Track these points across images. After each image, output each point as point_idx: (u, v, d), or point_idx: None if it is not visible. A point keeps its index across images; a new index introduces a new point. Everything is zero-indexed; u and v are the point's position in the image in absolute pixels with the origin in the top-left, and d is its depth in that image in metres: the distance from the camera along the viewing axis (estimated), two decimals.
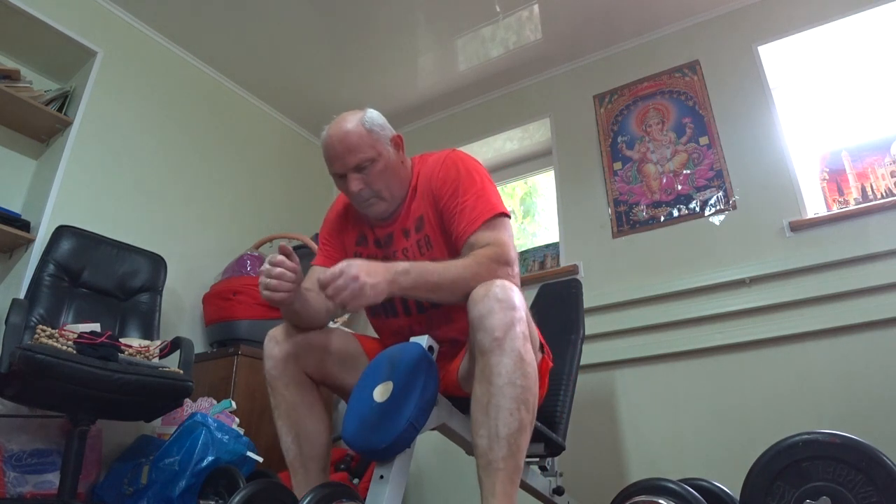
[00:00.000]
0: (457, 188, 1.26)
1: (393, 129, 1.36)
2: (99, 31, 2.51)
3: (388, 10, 2.72)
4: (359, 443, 1.09)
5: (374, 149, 1.28)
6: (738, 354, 2.16)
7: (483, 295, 1.06)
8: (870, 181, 2.35)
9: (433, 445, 2.27)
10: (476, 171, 1.29)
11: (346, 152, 1.26)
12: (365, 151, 1.27)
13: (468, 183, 1.26)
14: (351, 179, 1.27)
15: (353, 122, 1.29)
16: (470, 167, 1.29)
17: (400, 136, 1.37)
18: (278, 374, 1.24)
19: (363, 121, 1.29)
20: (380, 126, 1.31)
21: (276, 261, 1.15)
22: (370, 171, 1.27)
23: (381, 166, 1.28)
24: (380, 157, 1.28)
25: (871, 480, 1.14)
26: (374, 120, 1.31)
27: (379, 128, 1.31)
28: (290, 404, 1.24)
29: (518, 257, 1.24)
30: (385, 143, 1.31)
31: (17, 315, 1.72)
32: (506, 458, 0.98)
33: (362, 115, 1.31)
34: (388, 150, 1.31)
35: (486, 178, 1.29)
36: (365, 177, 1.27)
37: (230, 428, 1.92)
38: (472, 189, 1.25)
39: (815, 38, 2.53)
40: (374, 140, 1.28)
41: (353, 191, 1.28)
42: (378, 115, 1.34)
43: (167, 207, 2.65)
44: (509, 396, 1.00)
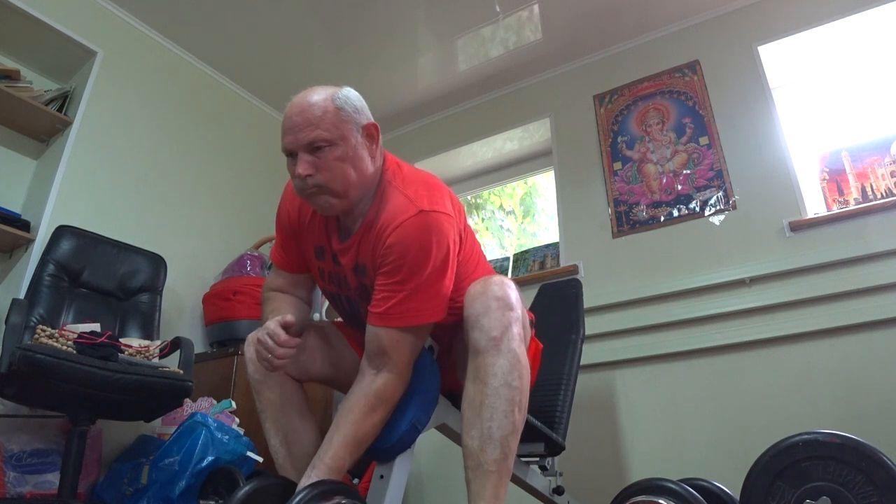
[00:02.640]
0: (398, 268, 1.05)
1: (371, 117, 1.15)
2: (99, 31, 2.51)
3: (387, 10, 2.72)
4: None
5: (337, 130, 1.06)
6: (738, 354, 2.16)
7: (480, 292, 1.05)
8: (870, 181, 2.35)
9: (433, 445, 2.27)
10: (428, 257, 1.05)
11: (303, 126, 1.06)
12: (326, 130, 1.05)
13: (410, 271, 1.05)
14: (300, 160, 1.06)
15: (323, 94, 1.09)
16: (426, 248, 1.05)
17: (376, 126, 1.14)
18: (261, 377, 1.22)
19: (335, 96, 1.09)
20: (353, 108, 1.10)
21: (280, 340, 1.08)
22: (325, 156, 1.06)
23: (340, 153, 1.06)
24: (341, 141, 1.07)
25: (871, 480, 1.14)
26: (348, 99, 1.10)
27: (352, 109, 1.10)
28: (275, 407, 1.22)
29: (412, 363, 1.11)
30: (353, 128, 1.09)
31: (17, 315, 1.71)
32: (498, 460, 0.98)
33: (337, 90, 1.11)
34: (355, 139, 1.09)
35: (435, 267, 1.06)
36: (317, 160, 1.06)
37: (230, 428, 1.92)
38: (411, 281, 1.05)
39: (815, 38, 2.53)
40: (340, 120, 1.07)
41: (298, 173, 1.06)
42: (357, 96, 1.14)
43: (167, 207, 2.65)
44: (505, 398, 0.99)
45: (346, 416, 1.05)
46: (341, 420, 1.05)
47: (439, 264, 1.07)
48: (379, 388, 1.06)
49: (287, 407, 1.23)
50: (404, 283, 1.05)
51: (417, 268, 1.05)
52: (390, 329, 1.07)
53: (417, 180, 1.16)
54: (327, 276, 1.25)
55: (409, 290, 1.05)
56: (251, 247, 2.79)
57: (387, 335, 1.07)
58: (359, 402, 1.06)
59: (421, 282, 1.05)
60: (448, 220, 1.10)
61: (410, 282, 1.05)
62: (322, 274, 1.26)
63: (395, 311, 1.06)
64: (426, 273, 1.05)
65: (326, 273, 1.25)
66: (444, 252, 1.07)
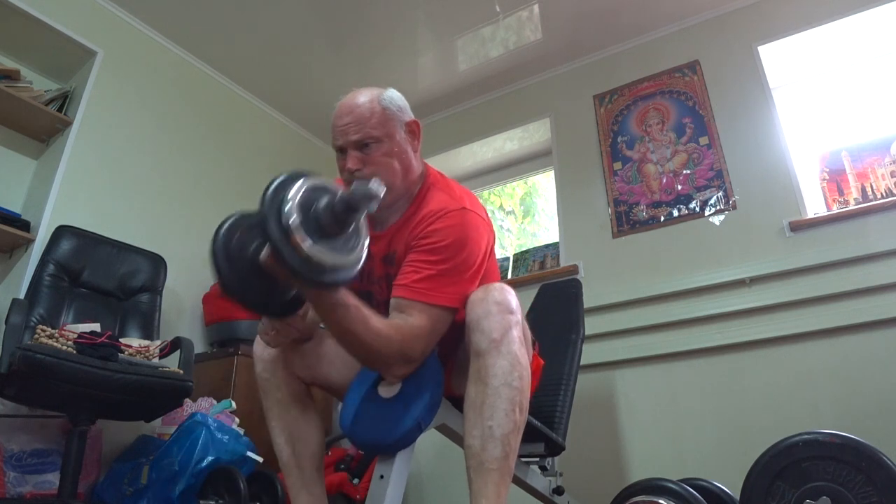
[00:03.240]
0: (433, 250, 1.10)
1: (412, 115, 1.24)
2: (99, 31, 2.51)
3: (387, 10, 2.72)
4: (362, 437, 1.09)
5: (383, 128, 1.16)
6: (737, 354, 2.16)
7: (482, 298, 1.06)
8: (870, 181, 2.35)
9: (433, 445, 2.27)
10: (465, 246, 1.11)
11: (352, 125, 1.15)
12: (373, 128, 1.15)
13: (446, 253, 1.10)
14: (350, 156, 1.15)
15: (369, 95, 1.18)
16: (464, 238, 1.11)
17: (417, 123, 1.24)
18: (269, 376, 1.23)
19: (380, 97, 1.18)
20: (397, 107, 1.20)
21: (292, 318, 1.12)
22: (372, 152, 1.15)
23: (386, 150, 1.16)
24: (387, 139, 1.16)
25: (871, 480, 1.15)
26: (392, 99, 1.20)
27: (396, 108, 1.19)
28: (282, 406, 1.23)
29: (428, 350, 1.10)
30: (398, 126, 1.19)
31: (17, 315, 1.72)
32: (499, 458, 0.98)
33: (381, 91, 1.20)
34: (400, 135, 1.19)
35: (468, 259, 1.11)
36: (365, 156, 1.15)
37: (230, 428, 1.92)
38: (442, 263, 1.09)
39: (815, 38, 2.53)
40: (385, 119, 1.17)
41: (348, 168, 1.14)
42: (399, 96, 1.23)
43: (167, 207, 2.65)
44: (505, 397, 1.00)
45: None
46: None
47: (472, 259, 1.12)
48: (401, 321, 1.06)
49: (293, 407, 1.24)
50: (436, 264, 1.10)
51: (453, 254, 1.10)
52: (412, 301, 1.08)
53: (461, 188, 1.26)
54: None
55: (439, 270, 1.09)
56: None
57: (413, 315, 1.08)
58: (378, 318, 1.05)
59: (452, 267, 1.10)
60: (485, 226, 1.19)
61: (443, 264, 1.10)
62: None
63: (421, 284, 1.09)
64: (459, 260, 1.10)
65: None
66: (477, 250, 1.14)
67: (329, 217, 0.92)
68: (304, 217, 0.90)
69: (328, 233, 0.92)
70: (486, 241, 1.17)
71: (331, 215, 0.92)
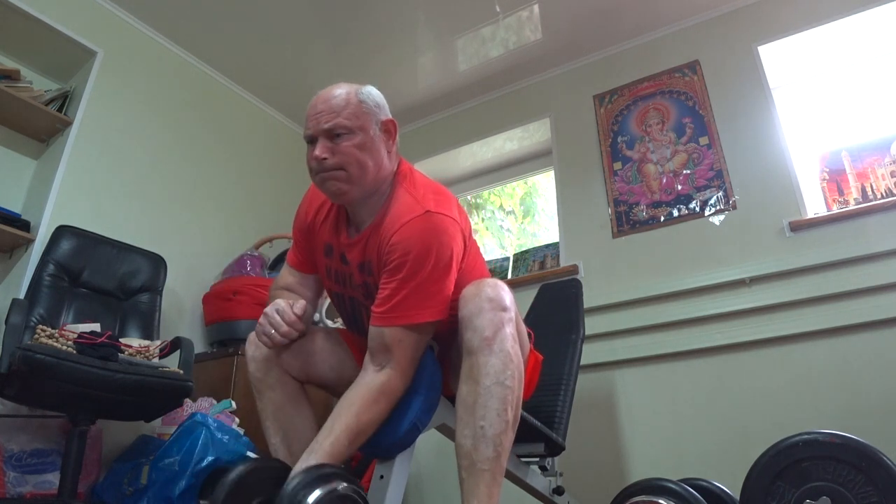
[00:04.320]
0: (401, 266, 1.07)
1: (390, 115, 1.21)
2: (99, 31, 2.51)
3: (387, 10, 2.72)
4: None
5: (357, 119, 1.12)
6: (738, 354, 2.16)
7: (474, 294, 1.05)
8: (870, 181, 2.35)
9: (433, 445, 2.27)
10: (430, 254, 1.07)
11: (324, 113, 1.12)
12: (346, 118, 1.11)
13: (413, 268, 1.06)
14: (319, 144, 1.11)
15: (347, 88, 1.16)
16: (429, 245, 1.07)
17: (394, 123, 1.20)
18: (262, 375, 1.22)
19: (358, 91, 1.16)
20: (375, 103, 1.17)
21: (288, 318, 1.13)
22: (343, 143, 1.11)
23: (358, 142, 1.11)
24: (360, 131, 1.12)
25: (871, 480, 1.15)
26: (370, 94, 1.17)
27: (373, 104, 1.16)
28: (276, 405, 1.22)
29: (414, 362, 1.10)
30: (373, 121, 1.15)
31: (17, 315, 1.71)
32: (491, 458, 0.98)
33: (360, 86, 1.17)
34: (374, 131, 1.15)
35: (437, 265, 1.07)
36: (334, 146, 1.11)
37: (230, 428, 1.92)
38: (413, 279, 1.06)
39: (815, 38, 2.53)
40: (360, 112, 1.13)
41: (315, 155, 1.11)
42: (378, 94, 1.20)
43: (167, 207, 2.65)
44: (497, 397, 0.99)
45: (349, 407, 1.05)
46: (343, 410, 1.05)
47: (442, 264, 1.08)
48: (382, 383, 1.06)
49: (288, 406, 1.23)
50: (407, 281, 1.06)
51: (420, 266, 1.06)
52: (393, 328, 1.07)
53: (426, 185, 1.19)
54: (333, 275, 1.26)
55: (411, 287, 1.06)
56: (251, 247, 2.79)
57: (390, 333, 1.07)
58: (361, 394, 1.06)
59: (423, 280, 1.06)
60: (453, 225, 1.12)
61: (413, 279, 1.06)
62: (329, 272, 1.27)
63: (397, 310, 1.07)
64: (428, 271, 1.06)
65: (333, 271, 1.26)
66: (447, 253, 1.08)
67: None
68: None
69: None
70: (457, 241, 1.12)
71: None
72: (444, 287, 1.09)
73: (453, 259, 1.10)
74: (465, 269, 1.18)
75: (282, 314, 1.15)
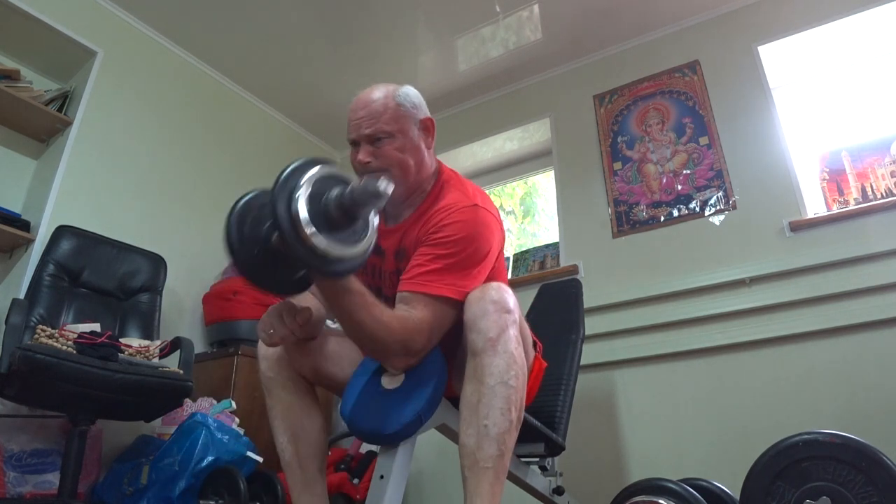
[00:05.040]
0: (443, 243, 1.12)
1: (427, 112, 1.26)
2: (99, 31, 2.51)
3: (387, 10, 2.72)
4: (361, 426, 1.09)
5: (396, 123, 1.18)
6: (738, 354, 2.16)
7: (479, 297, 1.06)
8: (870, 181, 2.35)
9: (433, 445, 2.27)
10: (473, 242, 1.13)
11: (365, 119, 1.17)
12: (385, 123, 1.17)
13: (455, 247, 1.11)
14: (362, 149, 1.18)
15: (385, 91, 1.21)
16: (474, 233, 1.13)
17: (432, 121, 1.26)
18: (274, 374, 1.23)
19: (396, 93, 1.20)
20: (412, 104, 1.21)
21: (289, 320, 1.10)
22: (384, 147, 1.17)
23: (398, 145, 1.18)
24: (400, 134, 1.18)
25: (871, 480, 1.15)
26: (407, 95, 1.22)
27: (411, 105, 1.21)
28: (286, 405, 1.23)
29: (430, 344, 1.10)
30: (412, 122, 1.21)
31: (17, 315, 1.72)
32: (494, 457, 0.98)
33: (397, 87, 1.22)
34: (413, 132, 1.20)
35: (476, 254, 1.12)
36: (377, 150, 1.17)
37: (230, 428, 1.92)
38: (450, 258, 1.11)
39: (815, 38, 2.53)
40: (399, 115, 1.19)
41: (359, 160, 1.17)
42: (416, 93, 1.25)
43: (167, 207, 2.65)
44: (501, 396, 1.00)
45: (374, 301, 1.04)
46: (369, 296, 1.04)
47: (480, 254, 1.13)
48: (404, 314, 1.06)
49: (297, 406, 1.23)
50: (443, 258, 1.11)
51: (462, 247, 1.12)
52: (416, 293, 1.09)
53: (474, 186, 1.27)
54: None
55: (445, 263, 1.10)
56: None
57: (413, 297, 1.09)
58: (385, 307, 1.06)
59: (459, 261, 1.11)
60: (497, 224, 1.21)
61: (449, 258, 1.11)
62: None
63: (424, 276, 1.10)
64: (466, 255, 1.12)
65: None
66: (486, 246, 1.15)
67: (337, 210, 0.93)
68: (312, 207, 0.91)
69: (335, 224, 0.94)
70: (496, 239, 1.19)
71: (339, 208, 0.93)
72: (473, 276, 1.13)
73: (490, 253, 1.16)
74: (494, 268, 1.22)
75: (285, 315, 1.13)
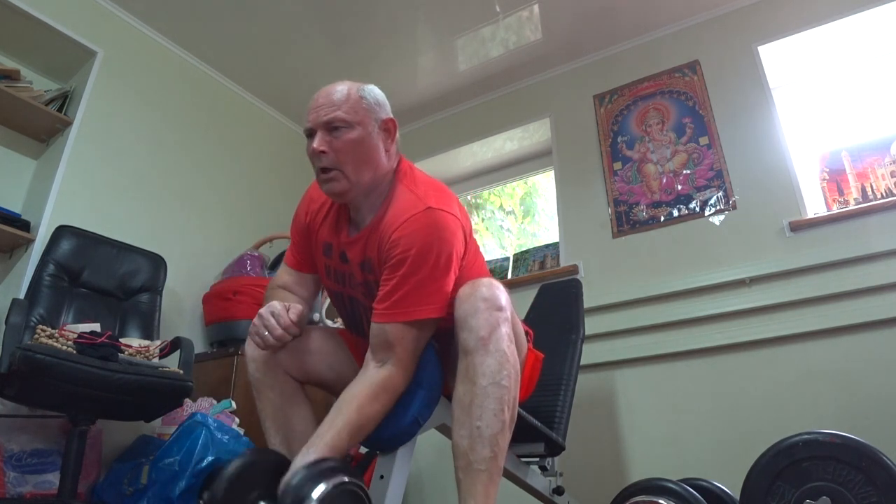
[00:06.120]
0: (402, 262, 1.07)
1: (391, 114, 1.22)
2: (99, 31, 2.51)
3: (387, 10, 2.72)
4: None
5: (356, 114, 1.13)
6: (738, 354, 2.16)
7: (469, 294, 1.06)
8: (870, 181, 2.35)
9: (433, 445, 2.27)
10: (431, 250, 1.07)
11: (324, 106, 1.13)
12: (345, 112, 1.12)
13: (414, 264, 1.06)
14: (318, 139, 1.13)
15: (349, 84, 1.17)
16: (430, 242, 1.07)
17: (394, 122, 1.21)
18: (262, 375, 1.22)
19: (360, 87, 1.17)
20: (375, 101, 1.18)
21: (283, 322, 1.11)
22: (341, 136, 1.12)
23: (356, 136, 1.13)
24: (359, 125, 1.13)
25: (871, 480, 1.15)
26: (372, 93, 1.19)
27: (374, 101, 1.17)
28: (275, 405, 1.22)
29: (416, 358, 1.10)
30: (372, 119, 1.16)
31: (17, 315, 1.71)
32: (488, 458, 0.98)
33: (362, 84, 1.19)
34: (373, 128, 1.16)
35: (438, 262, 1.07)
36: (333, 140, 1.12)
37: (230, 428, 1.92)
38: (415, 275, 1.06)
39: (815, 38, 2.53)
40: (360, 107, 1.14)
41: (314, 148, 1.12)
42: (380, 93, 1.21)
43: (167, 207, 2.65)
44: (493, 397, 0.99)
45: (350, 401, 1.04)
46: (344, 404, 1.04)
47: (443, 261, 1.08)
48: (383, 379, 1.06)
49: (287, 406, 1.23)
50: (408, 277, 1.06)
51: (421, 261, 1.06)
52: (394, 324, 1.07)
53: (427, 182, 1.20)
54: (333, 274, 1.26)
55: (412, 284, 1.06)
56: (251, 247, 2.79)
57: (391, 330, 1.07)
58: (363, 389, 1.05)
59: (424, 276, 1.07)
60: (454, 221, 1.12)
61: (414, 276, 1.06)
62: (328, 271, 1.27)
63: (398, 306, 1.07)
64: (429, 267, 1.07)
65: (332, 270, 1.26)
66: (448, 250, 1.09)
67: None
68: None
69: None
70: (458, 237, 1.12)
71: None
72: (445, 284, 1.09)
73: (454, 256, 1.10)
74: (465, 266, 1.18)
75: (277, 317, 1.13)
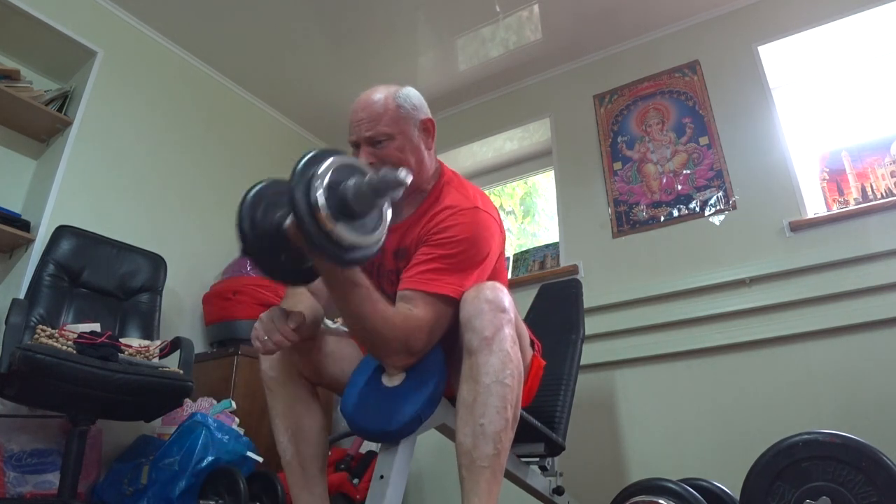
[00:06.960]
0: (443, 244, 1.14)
1: (428, 113, 1.27)
2: (99, 31, 2.51)
3: (387, 10, 2.72)
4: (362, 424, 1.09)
5: (396, 125, 1.19)
6: (738, 354, 2.16)
7: (473, 296, 1.07)
8: (870, 181, 2.35)
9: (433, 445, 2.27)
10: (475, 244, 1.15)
11: (365, 121, 1.18)
12: (385, 125, 1.18)
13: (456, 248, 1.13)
14: (362, 151, 1.19)
15: (385, 93, 1.21)
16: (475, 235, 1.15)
17: (432, 121, 1.27)
18: (275, 374, 1.23)
19: (396, 95, 1.21)
20: (412, 105, 1.22)
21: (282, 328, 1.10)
22: (385, 148, 1.18)
23: (398, 145, 1.19)
24: (400, 135, 1.19)
25: (871, 480, 1.15)
26: (408, 97, 1.23)
27: (410, 107, 1.22)
28: (286, 404, 1.23)
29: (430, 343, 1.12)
30: (412, 123, 1.22)
31: (17, 315, 1.72)
32: (491, 456, 0.98)
33: (398, 89, 1.23)
34: (413, 133, 1.22)
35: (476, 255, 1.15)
36: (378, 151, 1.18)
37: (230, 428, 1.92)
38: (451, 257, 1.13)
39: (815, 38, 2.53)
40: (399, 117, 1.20)
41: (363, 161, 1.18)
42: (416, 94, 1.26)
43: (167, 207, 2.65)
44: (497, 395, 1.00)
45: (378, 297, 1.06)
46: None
47: (480, 255, 1.15)
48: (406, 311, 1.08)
49: (298, 406, 1.23)
50: (444, 258, 1.13)
51: (462, 249, 1.14)
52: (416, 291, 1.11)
53: (475, 189, 1.29)
54: None
55: (445, 263, 1.12)
56: None
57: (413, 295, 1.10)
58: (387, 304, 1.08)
59: (458, 261, 1.13)
60: (496, 227, 1.23)
61: (450, 258, 1.13)
62: None
63: (424, 277, 1.11)
64: (466, 255, 1.14)
65: None
66: (486, 249, 1.17)
67: (355, 198, 0.94)
68: (330, 194, 0.93)
69: (351, 213, 0.95)
70: (496, 241, 1.20)
71: (357, 196, 0.94)
72: (473, 276, 1.14)
73: (490, 255, 1.18)
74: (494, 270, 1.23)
75: (277, 322, 1.12)
